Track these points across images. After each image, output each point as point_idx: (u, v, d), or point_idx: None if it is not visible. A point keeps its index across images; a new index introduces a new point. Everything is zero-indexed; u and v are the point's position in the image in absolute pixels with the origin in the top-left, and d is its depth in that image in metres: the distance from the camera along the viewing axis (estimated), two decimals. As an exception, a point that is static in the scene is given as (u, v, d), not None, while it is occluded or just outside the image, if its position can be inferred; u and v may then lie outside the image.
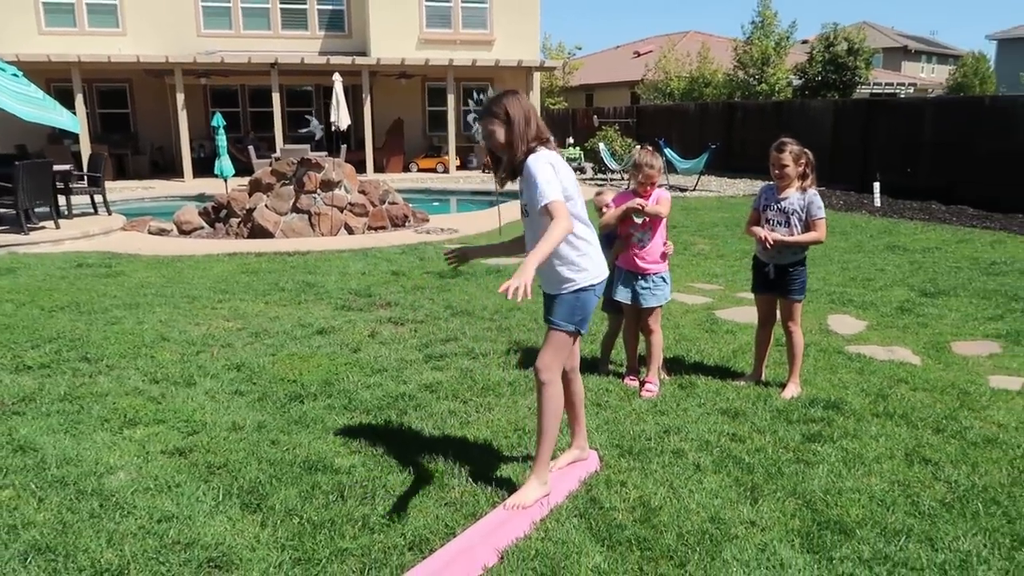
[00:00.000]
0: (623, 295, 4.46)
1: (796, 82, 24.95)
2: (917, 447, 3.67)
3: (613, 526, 2.91)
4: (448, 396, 4.33)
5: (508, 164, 3.03)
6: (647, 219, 4.44)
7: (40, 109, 10.40)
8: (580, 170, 21.59)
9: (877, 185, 13.60)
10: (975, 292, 6.97)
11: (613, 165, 18.20)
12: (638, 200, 4.41)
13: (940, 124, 14.31)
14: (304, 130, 14.35)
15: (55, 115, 10.76)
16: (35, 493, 3.13)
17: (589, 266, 3.09)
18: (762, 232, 4.33)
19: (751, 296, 6.95)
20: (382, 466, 3.40)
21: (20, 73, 10.62)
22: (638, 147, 4.47)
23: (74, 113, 12.63)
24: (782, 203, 4.28)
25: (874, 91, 28.93)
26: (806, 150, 4.25)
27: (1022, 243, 9.71)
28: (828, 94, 23.41)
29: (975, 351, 5.30)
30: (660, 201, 4.46)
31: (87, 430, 3.79)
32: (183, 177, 19.40)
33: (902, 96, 30.62)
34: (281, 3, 21.83)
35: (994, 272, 7.86)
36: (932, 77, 44.14)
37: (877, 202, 13.42)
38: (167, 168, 21.52)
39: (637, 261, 4.41)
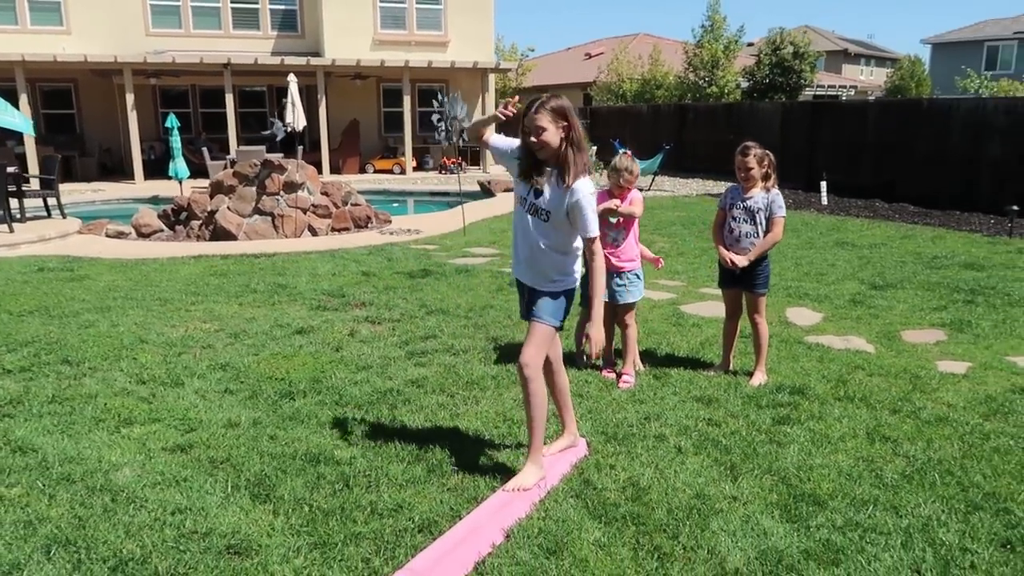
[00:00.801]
0: (600, 292, 4.67)
1: (744, 84, 25.66)
2: (877, 427, 3.97)
3: (608, 504, 3.12)
4: (435, 391, 4.49)
5: (564, 169, 3.11)
6: (621, 219, 4.67)
7: (-8, 110, 10.18)
8: (536, 170, 21.87)
9: (824, 184, 14.15)
10: (920, 284, 7.40)
11: (569, 165, 18.46)
12: (613, 201, 4.63)
13: (882, 125, 14.96)
14: (267, 132, 14.26)
15: (7, 116, 10.54)
16: (44, 491, 3.20)
17: (577, 270, 3.30)
18: (728, 256, 4.60)
19: (714, 291, 7.26)
20: (381, 457, 3.55)
21: (-30, 74, 10.37)
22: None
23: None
24: (747, 202, 4.55)
25: (817, 93, 29.92)
26: (768, 152, 4.53)
27: (961, 238, 10.27)
28: (775, 96, 24.16)
29: (923, 339, 5.67)
30: (634, 202, 4.70)
31: (83, 430, 3.85)
32: (133, 179, 19.05)
33: (844, 98, 31.70)
34: (232, 3, 21.58)
35: (936, 266, 8.33)
36: (871, 79, 45.70)
37: (824, 200, 13.97)
38: (115, 170, 21.09)
39: (612, 259, 4.63)
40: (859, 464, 3.54)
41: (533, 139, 3.11)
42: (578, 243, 3.28)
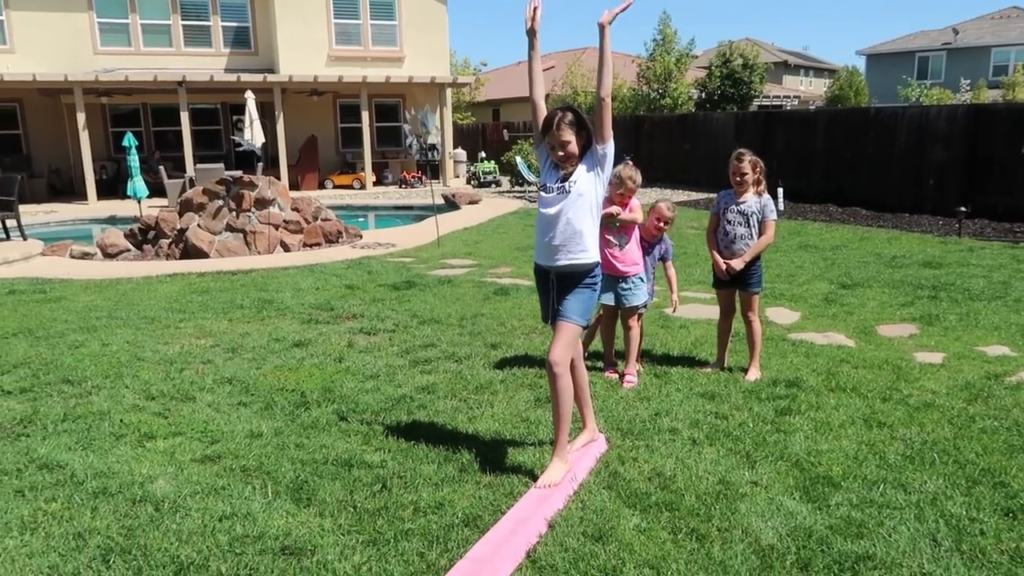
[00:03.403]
0: (607, 298, 4.85)
1: (696, 96, 26.37)
2: (872, 414, 4.22)
3: (639, 494, 3.27)
4: (447, 396, 4.60)
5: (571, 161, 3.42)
6: (622, 224, 4.86)
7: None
8: (496, 183, 22.09)
9: (781, 190, 14.64)
10: (885, 283, 7.78)
11: (531, 178, 18.71)
12: (614, 208, 4.82)
13: (832, 134, 15.56)
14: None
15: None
16: (84, 504, 3.21)
17: (597, 253, 3.50)
18: (722, 263, 4.83)
19: (694, 295, 7.52)
20: (411, 459, 3.65)
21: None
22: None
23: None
24: (741, 206, 4.79)
25: (762, 103, 30.88)
26: (759, 159, 4.79)
27: (915, 239, 10.77)
28: (727, 107, 24.89)
29: (897, 333, 6.00)
30: (634, 209, 4.89)
31: (106, 446, 3.85)
32: (86, 199, 18.60)
33: (788, 107, 32.76)
34: (183, 20, 21.33)
35: (897, 265, 8.75)
36: (811, 89, 47.29)
37: (781, 206, 14.46)
38: (65, 191, 20.61)
39: (616, 264, 4.81)
40: (863, 448, 3.77)
41: (560, 153, 3.33)
42: (596, 222, 3.47)
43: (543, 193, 3.48)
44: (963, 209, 11.22)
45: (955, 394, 4.54)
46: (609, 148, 3.41)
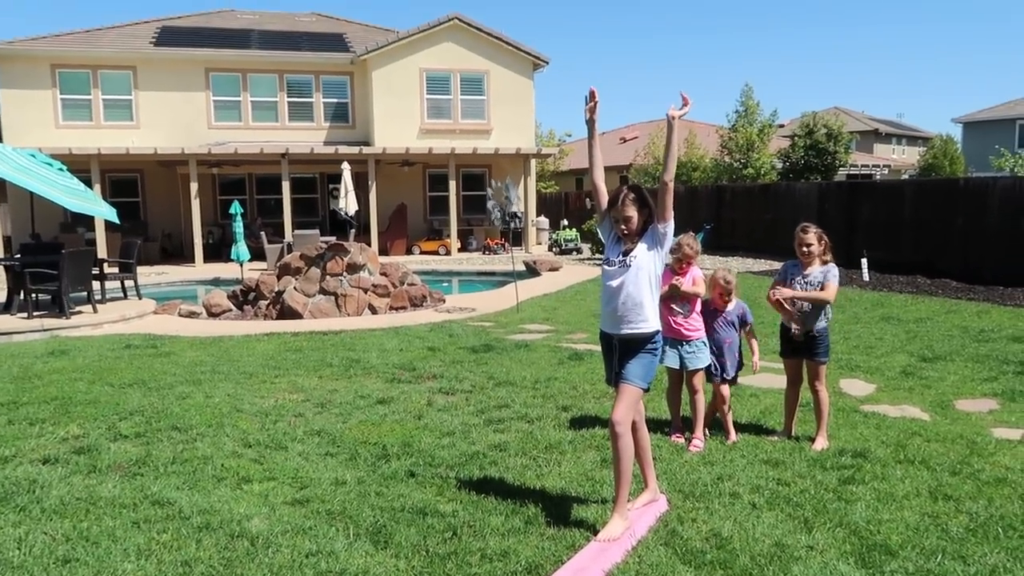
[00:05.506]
0: (672, 360, 5.06)
1: (779, 166, 26.36)
2: (939, 487, 4.23)
3: (695, 552, 3.42)
4: (517, 453, 4.85)
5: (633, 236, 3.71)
6: (684, 295, 5.08)
7: (84, 201, 11.05)
8: (577, 250, 22.51)
9: (865, 261, 14.44)
10: (969, 357, 7.62)
11: (611, 245, 18.99)
12: (677, 278, 5.06)
13: (919, 204, 15.31)
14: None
15: (96, 206, 11.42)
16: (190, 536, 3.60)
17: (658, 322, 3.74)
18: (784, 292, 4.93)
19: (766, 364, 7.55)
20: (481, 510, 3.90)
21: (65, 167, 11.32)
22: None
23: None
24: (808, 276, 4.94)
25: (851, 172, 30.47)
26: (824, 232, 4.96)
27: (1007, 313, 10.44)
28: (811, 176, 24.77)
29: (976, 408, 5.91)
30: (696, 281, 5.13)
31: (208, 486, 4.27)
32: (194, 262, 19.99)
33: (878, 177, 32.20)
34: (288, 97, 23.01)
35: (984, 339, 8.54)
36: (903, 158, 46.24)
37: (866, 277, 14.24)
38: (175, 253, 22.18)
39: (681, 330, 5.03)
40: (925, 519, 3.80)
41: (623, 227, 3.63)
42: (655, 293, 3.72)
43: (606, 267, 3.77)
44: (1059, 282, 10.81)
45: (1030, 471, 4.48)
46: (669, 227, 3.68)
